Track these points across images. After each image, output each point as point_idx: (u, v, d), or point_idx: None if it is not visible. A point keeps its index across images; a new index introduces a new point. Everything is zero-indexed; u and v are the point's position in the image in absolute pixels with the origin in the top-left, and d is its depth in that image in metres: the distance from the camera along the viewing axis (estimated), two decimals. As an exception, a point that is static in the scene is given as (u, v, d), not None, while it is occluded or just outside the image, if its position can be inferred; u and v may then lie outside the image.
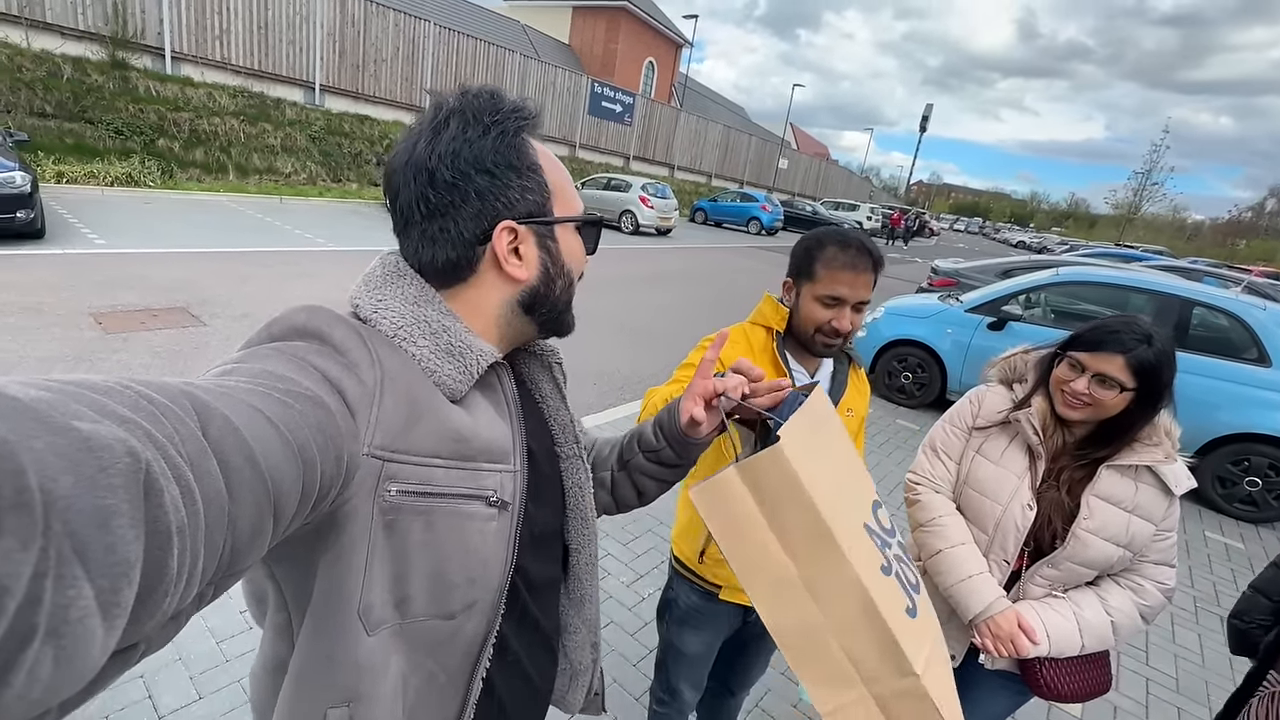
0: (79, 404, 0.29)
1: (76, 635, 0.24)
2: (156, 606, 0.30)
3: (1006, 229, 69.10)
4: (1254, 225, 68.19)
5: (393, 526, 0.57)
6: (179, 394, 0.36)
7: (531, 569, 0.72)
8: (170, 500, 0.30)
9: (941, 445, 1.47)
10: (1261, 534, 4.27)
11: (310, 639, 0.58)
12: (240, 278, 6.28)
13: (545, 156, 0.67)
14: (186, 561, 0.31)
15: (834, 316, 1.25)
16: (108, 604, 0.26)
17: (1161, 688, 2.60)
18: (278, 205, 11.52)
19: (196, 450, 0.34)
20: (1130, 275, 5.73)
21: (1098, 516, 1.26)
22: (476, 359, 0.63)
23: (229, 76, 13.39)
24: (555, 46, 28.92)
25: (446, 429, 0.59)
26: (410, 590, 0.59)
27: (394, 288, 0.64)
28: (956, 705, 0.74)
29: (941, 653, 0.78)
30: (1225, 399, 4.35)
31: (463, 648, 0.65)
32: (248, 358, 0.50)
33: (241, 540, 0.37)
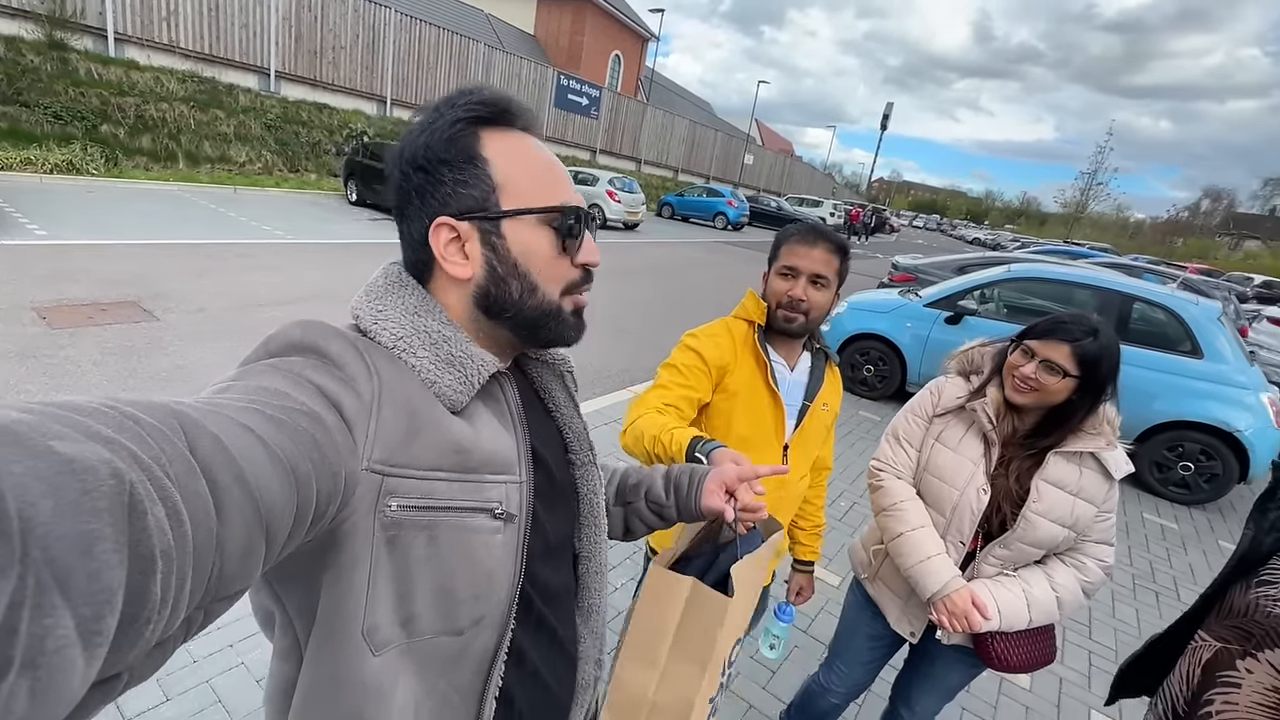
0: (61, 425, 0.28)
1: (54, 666, 0.23)
2: (139, 634, 0.29)
3: (963, 226, 71.33)
4: (1190, 224, 71.91)
5: (395, 543, 0.55)
6: (166, 413, 0.35)
7: (546, 577, 0.71)
8: (155, 523, 0.29)
9: (904, 434, 1.54)
10: (1193, 515, 4.56)
11: (315, 660, 0.57)
12: (194, 271, 6.06)
13: (504, 148, 0.63)
14: (172, 585, 0.30)
15: (790, 287, 1.34)
16: (89, 633, 0.25)
17: (1102, 659, 2.78)
18: (232, 195, 11.12)
19: (184, 470, 0.33)
20: (1076, 272, 6.02)
21: (1046, 499, 1.35)
22: (478, 369, 0.62)
23: (177, 60, 12.83)
24: (520, 37, 28.52)
25: (447, 441, 0.58)
26: (416, 608, 0.57)
27: (394, 297, 0.63)
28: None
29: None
30: (1161, 389, 4.63)
31: (473, 664, 0.63)
32: (243, 375, 0.50)
33: (231, 563, 0.36)
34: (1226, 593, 1.18)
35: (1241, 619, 1.12)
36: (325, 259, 7.56)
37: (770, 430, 1.40)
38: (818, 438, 1.50)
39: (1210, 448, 4.54)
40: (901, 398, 5.87)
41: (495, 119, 0.63)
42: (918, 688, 1.64)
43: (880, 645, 1.67)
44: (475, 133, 0.62)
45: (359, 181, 12.17)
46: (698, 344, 1.38)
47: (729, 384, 1.37)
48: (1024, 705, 2.42)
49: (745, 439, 1.39)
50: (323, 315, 0.59)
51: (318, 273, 6.85)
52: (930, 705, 1.64)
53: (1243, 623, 1.12)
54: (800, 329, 1.37)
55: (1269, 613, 1.08)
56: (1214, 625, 1.18)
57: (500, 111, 0.63)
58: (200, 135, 12.46)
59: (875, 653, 1.68)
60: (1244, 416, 4.44)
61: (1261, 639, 1.07)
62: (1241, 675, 1.08)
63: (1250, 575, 1.16)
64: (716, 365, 1.36)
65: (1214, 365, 4.58)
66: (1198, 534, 4.26)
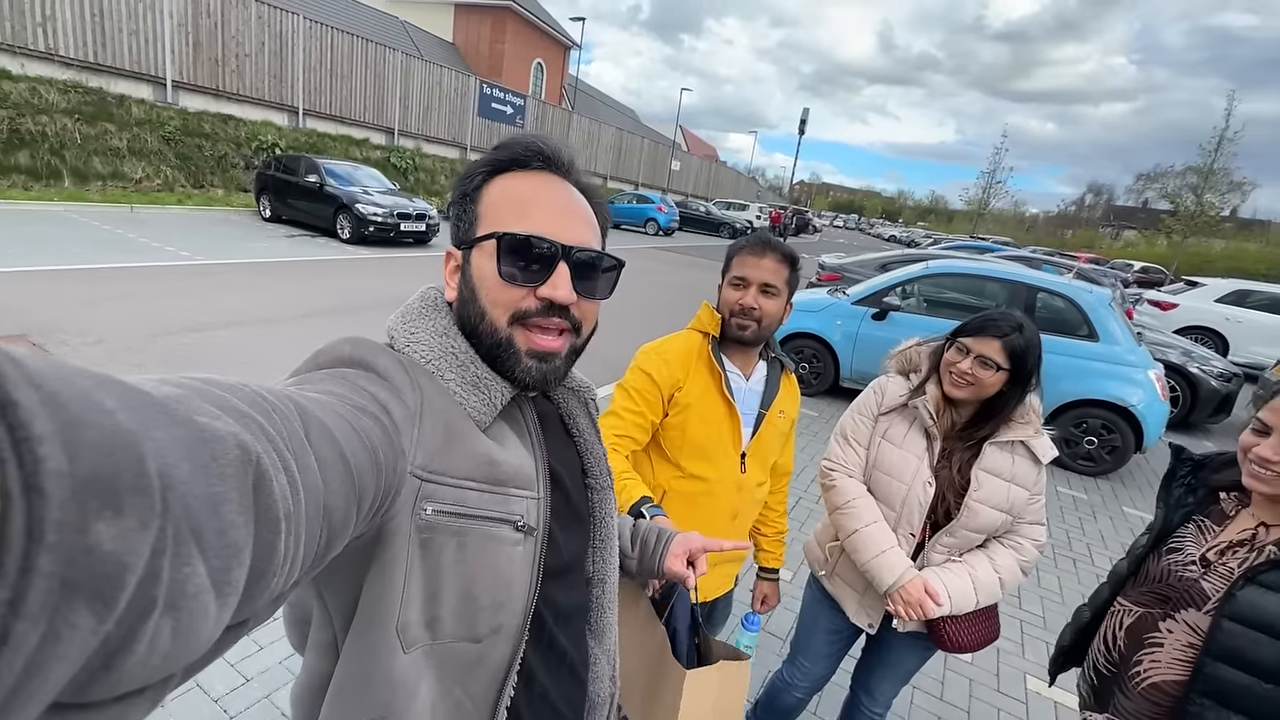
0: (203, 400, 0.32)
1: (192, 610, 0.26)
2: (267, 586, 0.33)
3: (880, 224, 75.08)
4: (1077, 217, 78.70)
5: (428, 545, 0.59)
6: (285, 397, 0.41)
7: (559, 597, 0.74)
8: (279, 489, 0.33)
9: (851, 433, 1.61)
10: (1099, 484, 4.98)
11: (353, 653, 0.60)
12: (90, 299, 5.55)
13: (499, 185, 0.69)
14: (291, 545, 0.34)
15: (741, 296, 1.38)
16: (220, 582, 0.28)
17: (1033, 626, 2.99)
18: (128, 215, 10.29)
19: (299, 446, 0.38)
20: (987, 267, 6.47)
21: (985, 488, 1.45)
22: (500, 392, 0.67)
23: (58, 69, 11.74)
24: (439, 45, 27.88)
25: (480, 452, 0.63)
26: (441, 610, 0.61)
27: (427, 320, 0.68)
28: None
29: None
30: (1065, 371, 5.03)
31: (488, 674, 0.66)
32: (305, 381, 0.54)
33: (334, 530, 0.41)
34: (1143, 563, 1.30)
35: (1157, 584, 1.24)
36: (243, 280, 7.11)
37: (727, 438, 1.43)
38: (775, 444, 1.54)
39: (1110, 422, 4.98)
40: (837, 393, 6.12)
41: (509, 164, 0.69)
42: (877, 675, 1.72)
43: (840, 638, 1.74)
44: (487, 178, 0.69)
45: (272, 196, 11.52)
46: (648, 364, 1.42)
47: (681, 398, 1.40)
48: (968, 678, 2.57)
49: (701, 448, 1.42)
50: (247, 340, 0.61)
51: (236, 295, 6.43)
52: (889, 690, 1.72)
53: (1159, 588, 1.24)
54: (753, 337, 1.40)
55: (1181, 576, 1.20)
56: (1131, 592, 1.29)
57: (512, 158, 0.69)
58: (88, 150, 11.47)
59: (835, 646, 1.75)
60: (1136, 392, 4.89)
61: (1177, 600, 1.19)
62: (1164, 635, 1.19)
63: (1161, 545, 1.28)
64: (667, 383, 1.40)
65: (1108, 347, 5.02)
66: (1104, 502, 4.66)
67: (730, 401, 1.41)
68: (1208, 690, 1.10)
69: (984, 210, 50.99)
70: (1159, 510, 1.33)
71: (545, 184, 0.69)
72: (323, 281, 7.73)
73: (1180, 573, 1.20)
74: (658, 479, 1.45)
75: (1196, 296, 10.38)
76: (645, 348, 1.46)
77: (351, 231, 10.45)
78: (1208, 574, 1.16)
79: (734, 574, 1.63)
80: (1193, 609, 1.15)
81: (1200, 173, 30.69)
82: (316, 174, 10.86)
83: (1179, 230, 30.74)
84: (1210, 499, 1.28)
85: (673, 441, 1.42)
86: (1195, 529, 1.25)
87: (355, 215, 10.35)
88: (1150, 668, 1.20)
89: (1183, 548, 1.24)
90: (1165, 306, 10.35)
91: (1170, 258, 30.86)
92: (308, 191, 10.92)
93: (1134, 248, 46.57)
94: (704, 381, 1.41)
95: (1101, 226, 66.94)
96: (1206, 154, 30.15)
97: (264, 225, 11.29)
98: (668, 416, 1.42)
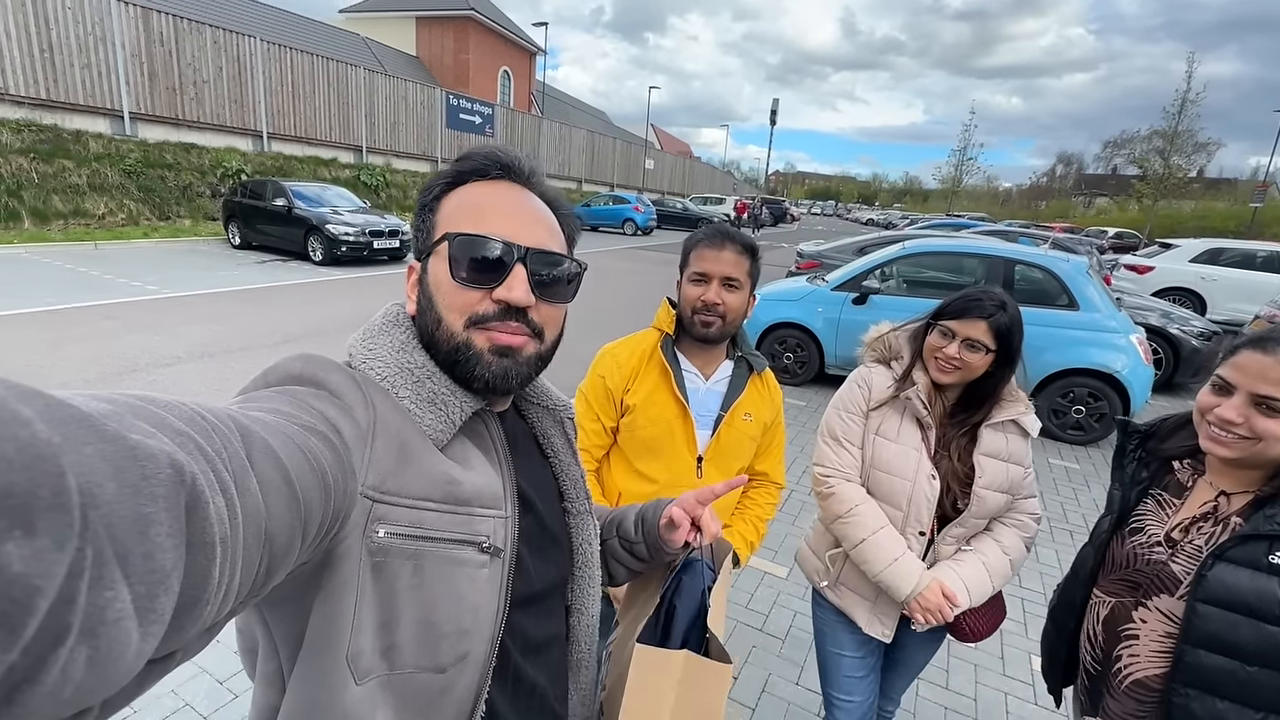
0: (137, 417, 0.30)
1: (112, 638, 0.25)
2: (199, 615, 0.31)
3: (857, 209, 75.64)
4: (1049, 188, 79.68)
5: (380, 569, 0.56)
6: (225, 416, 0.38)
7: (528, 627, 0.70)
8: (215, 512, 0.31)
9: (842, 434, 1.49)
10: (1090, 453, 4.97)
11: (300, 684, 0.57)
12: (49, 342, 5.39)
13: (456, 195, 0.68)
14: (227, 572, 0.32)
15: (703, 292, 1.32)
16: (144, 609, 0.27)
17: (1034, 604, 2.95)
18: (92, 252, 10.05)
19: (240, 468, 0.36)
20: (963, 243, 6.47)
21: (988, 473, 1.39)
22: (459, 408, 0.64)
23: (9, 109, 11.45)
24: (402, 59, 27.64)
25: (437, 471, 0.60)
26: (398, 638, 0.58)
27: (386, 336, 0.66)
28: None
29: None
30: (1049, 342, 5.02)
31: (454, 705, 0.62)
32: (252, 399, 0.51)
33: (276, 557, 0.39)
34: (1108, 548, 1.22)
35: (1125, 570, 1.17)
36: (213, 310, 6.94)
37: (679, 440, 1.37)
38: (740, 449, 1.43)
39: (1096, 390, 4.98)
40: (824, 380, 6.08)
41: (468, 175, 0.69)
42: (890, 676, 1.67)
43: (870, 654, 1.58)
44: (446, 190, 0.68)
45: (241, 223, 11.33)
46: (601, 366, 1.39)
47: (629, 399, 1.37)
48: (972, 664, 2.52)
49: (650, 449, 1.38)
50: (220, 371, 0.55)
51: (205, 326, 6.27)
52: (902, 687, 1.71)
53: (1127, 574, 1.16)
54: (718, 333, 1.34)
55: (1148, 559, 1.12)
56: (1104, 582, 1.22)
57: (471, 169, 0.69)
58: (46, 189, 11.21)
59: (867, 663, 1.59)
60: (1119, 358, 4.89)
61: (1148, 587, 1.11)
62: (1138, 626, 1.12)
63: (1122, 526, 1.21)
64: (618, 387, 1.37)
65: (1089, 315, 5.02)
66: (1097, 470, 4.64)
67: (681, 401, 1.35)
68: (1190, 680, 1.03)
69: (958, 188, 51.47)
70: (1115, 490, 1.25)
71: (503, 190, 0.68)
72: (296, 306, 7.58)
73: (1147, 555, 1.13)
74: (615, 481, 1.40)
75: (1171, 258, 10.49)
76: (603, 350, 1.43)
77: (324, 253, 10.28)
78: (1175, 555, 1.09)
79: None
80: (1165, 594, 1.08)
81: (1166, 136, 31.21)
82: (284, 197, 10.69)
83: (1149, 194, 31.25)
84: (1164, 470, 1.20)
85: (626, 442, 1.40)
86: (1154, 504, 1.18)
87: (326, 236, 10.19)
88: (1130, 663, 1.13)
89: (1144, 527, 1.16)
90: (1141, 270, 10.45)
91: (1143, 222, 31.34)
92: (276, 216, 10.74)
93: (1107, 214, 47.24)
94: (653, 380, 1.37)
95: (1074, 196, 67.85)
96: (1170, 117, 30.68)
97: (233, 253, 11.08)
98: (623, 418, 1.38)
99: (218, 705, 1.99)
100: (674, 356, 1.36)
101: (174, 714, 1.94)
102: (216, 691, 2.04)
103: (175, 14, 13.73)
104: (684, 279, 1.37)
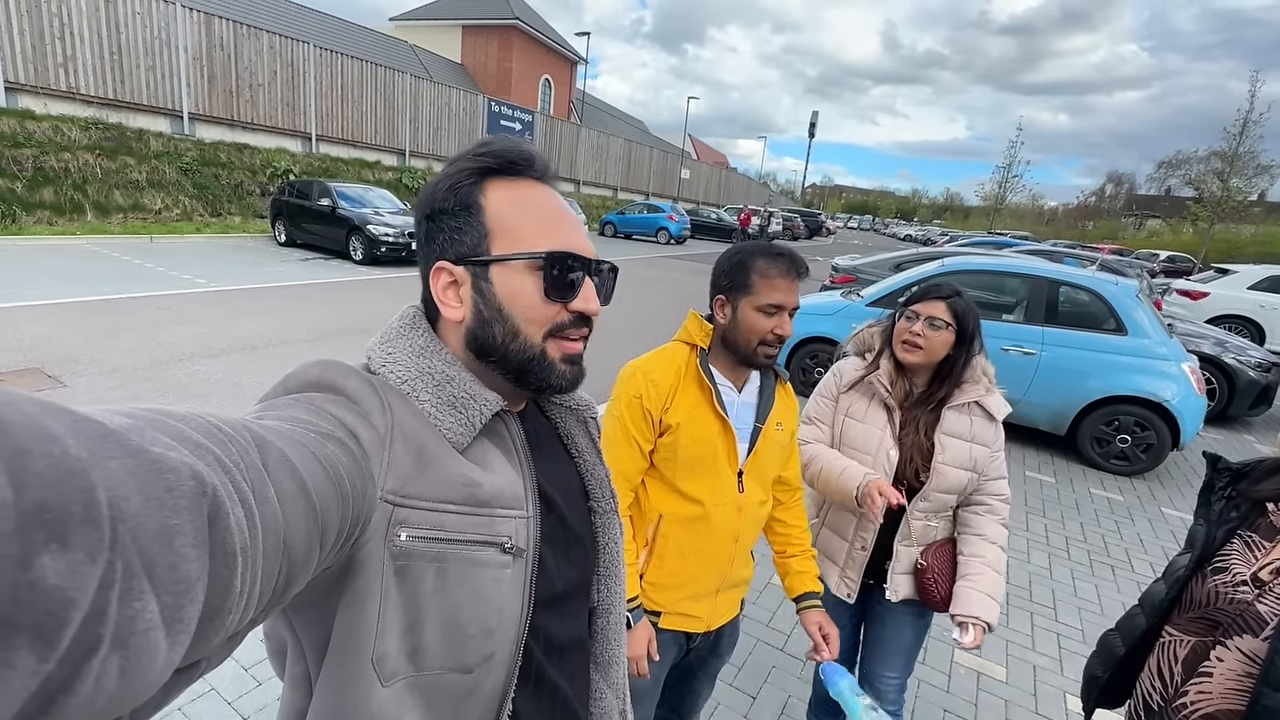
0: (156, 430, 0.30)
1: (141, 648, 0.25)
2: (222, 624, 0.31)
3: (894, 224, 74.37)
4: (1098, 208, 77.12)
5: (404, 573, 0.56)
6: (241, 427, 0.39)
7: (551, 628, 0.70)
8: (235, 522, 0.32)
9: (815, 413, 1.74)
10: (1135, 485, 4.76)
11: (326, 688, 0.57)
12: (106, 329, 5.64)
13: (503, 196, 0.66)
14: (248, 581, 0.33)
15: (776, 324, 1.27)
16: (172, 619, 0.27)
17: (1071, 640, 2.82)
18: (147, 245, 10.51)
19: (257, 478, 0.36)
20: (1005, 261, 6.28)
21: (949, 450, 1.55)
22: (480, 410, 0.64)
23: (78, 107, 12.09)
24: (447, 66, 28.31)
25: (456, 474, 0.60)
26: (424, 640, 0.58)
27: (405, 340, 0.66)
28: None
29: None
30: (1093, 367, 4.83)
31: (482, 705, 0.63)
32: (270, 408, 0.52)
33: (295, 565, 0.39)
34: (1186, 586, 1.17)
35: (1205, 609, 1.13)
36: (256, 304, 7.18)
37: (721, 457, 1.34)
38: (774, 459, 1.43)
39: (1143, 419, 4.76)
40: (854, 397, 5.97)
41: (501, 169, 0.66)
42: (878, 655, 1.72)
43: (844, 615, 1.73)
44: (479, 183, 0.65)
45: (287, 221, 11.71)
46: (634, 386, 1.33)
47: (669, 419, 1.32)
48: (1003, 699, 2.42)
49: (694, 468, 1.33)
50: (261, 363, 0.57)
51: (249, 320, 6.49)
52: (899, 664, 1.71)
53: (1207, 612, 1.12)
54: (773, 361, 1.33)
55: (1231, 599, 1.08)
56: (1179, 620, 1.17)
57: (506, 163, 0.66)
58: (109, 184, 11.76)
59: (842, 620, 1.71)
60: (1169, 386, 4.67)
61: (1229, 626, 1.07)
62: (1213, 664, 1.08)
63: (1204, 565, 1.16)
64: (656, 406, 1.31)
65: (1137, 340, 4.82)
66: (1141, 503, 4.44)
67: (723, 417, 1.32)
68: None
69: (1001, 205, 50.20)
70: (1199, 527, 1.20)
71: (544, 194, 0.68)
72: (335, 303, 7.79)
73: (1230, 595, 1.08)
74: (653, 503, 1.36)
75: (1228, 284, 10.01)
76: (628, 368, 1.37)
77: (364, 252, 10.55)
78: (1263, 596, 1.04)
79: (739, 599, 1.52)
80: (1248, 635, 1.03)
81: (1225, 157, 29.91)
82: (329, 197, 11.01)
83: (1205, 217, 29.94)
84: (1256, 512, 1.15)
85: (665, 463, 1.34)
86: (1242, 546, 1.13)
87: (367, 236, 10.46)
88: (1199, 699, 1.08)
89: (1229, 567, 1.11)
90: (1195, 296, 10.01)
91: (1198, 245, 30.04)
92: (321, 215, 11.07)
93: (1159, 237, 45.43)
94: (694, 398, 1.32)
95: (1124, 216, 65.53)
96: (1230, 137, 29.39)
97: (279, 250, 11.45)
98: (661, 437, 1.33)
99: (241, 692, 2.04)
100: (709, 372, 1.33)
101: (200, 698, 1.99)
102: (241, 678, 2.08)
103: (235, 19, 14.35)
104: (742, 304, 1.29)
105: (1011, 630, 2.84)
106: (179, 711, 1.92)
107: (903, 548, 1.61)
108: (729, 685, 2.33)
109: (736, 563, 1.40)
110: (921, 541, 1.61)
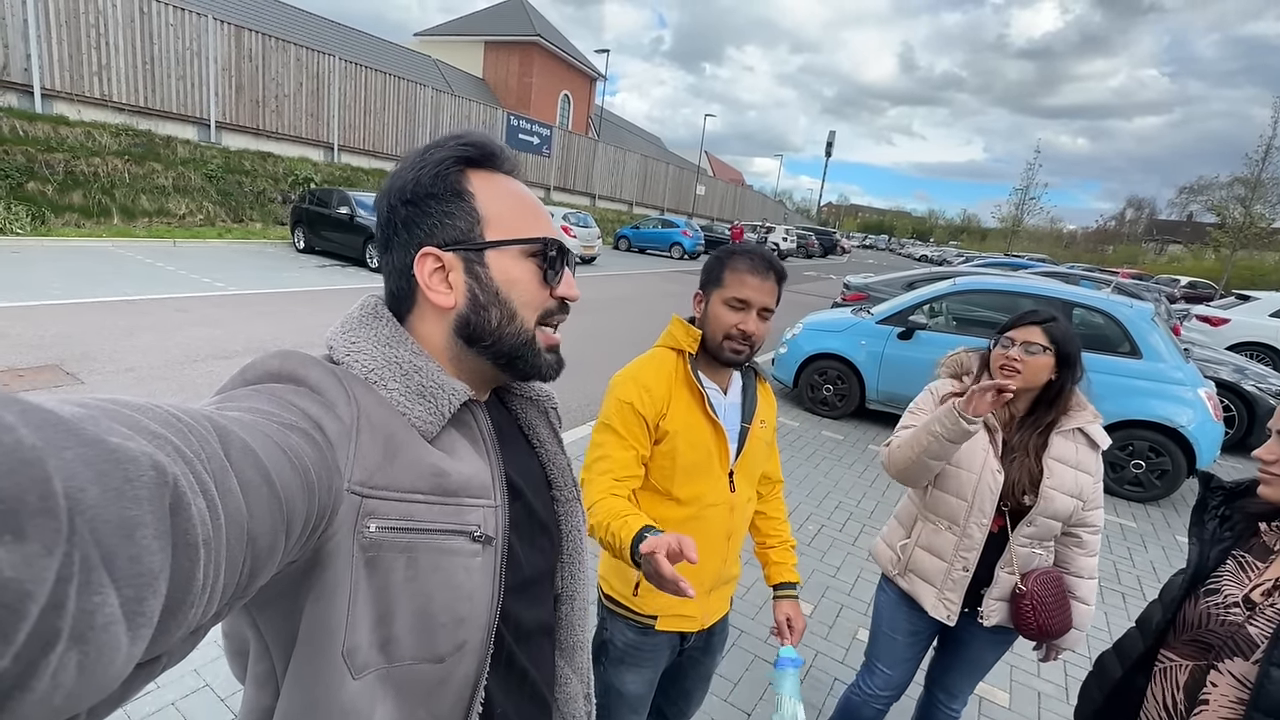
0: (112, 420, 0.29)
1: (101, 643, 0.25)
2: (184, 618, 0.31)
3: (910, 244, 74.11)
4: (1117, 232, 76.35)
5: (374, 564, 0.56)
6: (202, 417, 0.38)
7: (520, 614, 0.71)
8: (198, 513, 0.31)
9: (911, 419, 1.68)
10: (1149, 512, 4.66)
11: (295, 684, 0.56)
12: (124, 329, 5.75)
13: (488, 186, 0.67)
14: (210, 573, 0.32)
15: (740, 320, 1.29)
16: (133, 613, 0.26)
17: (1077, 669, 2.75)
18: (170, 249, 10.74)
19: (219, 469, 0.35)
20: (1018, 282, 6.24)
21: (1056, 475, 1.53)
22: (448, 399, 0.63)
23: (110, 114, 12.47)
24: (469, 81, 28.84)
25: (425, 463, 0.60)
26: (395, 630, 0.58)
27: (368, 329, 0.65)
28: None
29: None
30: (1107, 390, 4.75)
31: (454, 693, 0.63)
32: (230, 399, 0.50)
33: (259, 558, 0.38)
34: (1180, 608, 1.15)
35: (1197, 631, 1.10)
36: (271, 308, 7.30)
37: (714, 459, 1.35)
38: (760, 457, 1.45)
39: (1158, 445, 4.68)
40: (863, 415, 5.92)
41: (480, 160, 0.67)
42: (956, 672, 1.76)
43: (920, 639, 1.74)
44: (462, 171, 0.66)
45: (306, 228, 11.92)
46: (627, 394, 1.32)
47: (665, 425, 1.32)
48: (1005, 725, 2.36)
49: (689, 473, 1.34)
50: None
51: (264, 323, 6.59)
52: (967, 687, 1.77)
53: (1200, 634, 1.10)
54: (744, 361, 1.33)
55: (1223, 620, 1.06)
56: (1175, 643, 1.15)
57: (486, 154, 0.67)
58: (136, 189, 12.07)
59: (916, 648, 1.75)
60: (1185, 412, 4.59)
61: (1220, 649, 1.05)
62: (1209, 690, 1.05)
63: (1198, 586, 1.14)
64: (652, 414, 1.31)
65: (1152, 364, 4.74)
66: (1155, 531, 4.35)
67: (715, 421, 1.32)
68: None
69: (1018, 227, 49.87)
70: (1192, 547, 1.19)
71: (525, 188, 0.71)
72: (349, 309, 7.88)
73: (1222, 616, 1.06)
74: (644, 509, 1.36)
75: (1249, 311, 9.85)
76: (618, 377, 1.37)
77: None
78: (1253, 618, 1.02)
79: (729, 595, 1.52)
80: (1239, 658, 1.01)
81: (1248, 183, 29.54)
82: (348, 206, 11.20)
83: (1227, 243, 29.51)
84: (1250, 531, 1.13)
85: (662, 470, 1.34)
86: (1235, 565, 1.11)
87: (384, 245, 10.60)
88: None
89: (1221, 588, 1.09)
90: (1215, 322, 9.85)
91: (1219, 271, 29.61)
92: (339, 223, 11.26)
93: (1180, 262, 44.86)
94: (685, 403, 1.33)
95: (1145, 241, 64.78)
96: (1253, 164, 29.05)
97: (297, 256, 11.65)
98: (658, 445, 1.33)
99: (235, 689, 2.04)
100: (698, 376, 1.34)
101: (193, 694, 2.00)
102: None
103: (265, 32, 14.76)
104: (713, 298, 1.33)
105: (1016, 655, 2.78)
106: (172, 707, 1.93)
107: (1004, 573, 1.57)
108: (723, 700, 2.30)
109: (729, 561, 1.43)
110: (1024, 568, 1.57)
